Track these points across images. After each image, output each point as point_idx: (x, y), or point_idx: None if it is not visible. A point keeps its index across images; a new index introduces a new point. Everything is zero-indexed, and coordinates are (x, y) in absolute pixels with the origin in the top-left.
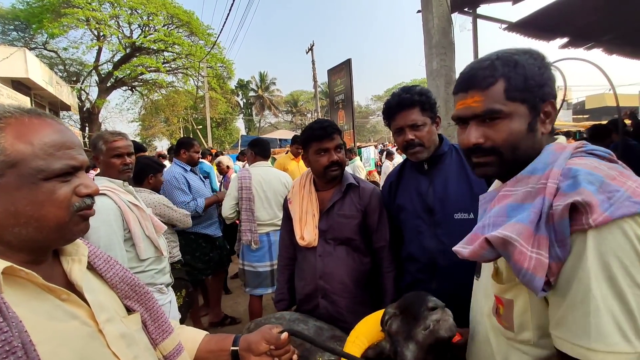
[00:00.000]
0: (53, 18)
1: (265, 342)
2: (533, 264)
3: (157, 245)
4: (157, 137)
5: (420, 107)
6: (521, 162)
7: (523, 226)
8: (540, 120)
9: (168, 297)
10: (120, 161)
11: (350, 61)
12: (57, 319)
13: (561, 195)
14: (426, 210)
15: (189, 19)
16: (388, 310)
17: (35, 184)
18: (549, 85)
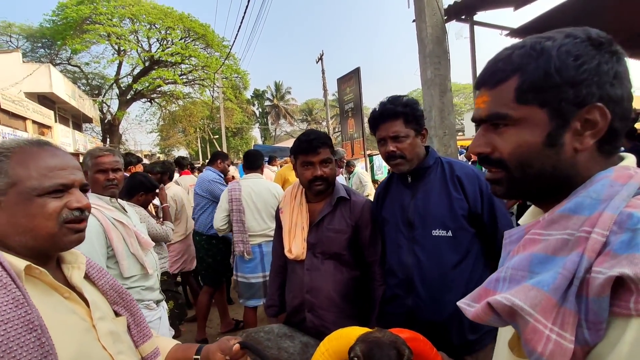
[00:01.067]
0: (76, 34)
1: (221, 352)
2: (550, 349)
3: (143, 262)
4: (175, 147)
5: (404, 118)
6: (544, 185)
7: (542, 294)
8: (572, 131)
9: (157, 313)
10: (104, 177)
11: (359, 70)
12: (61, 313)
13: (607, 257)
14: (406, 224)
15: (204, 31)
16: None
17: (30, 200)
18: (593, 83)
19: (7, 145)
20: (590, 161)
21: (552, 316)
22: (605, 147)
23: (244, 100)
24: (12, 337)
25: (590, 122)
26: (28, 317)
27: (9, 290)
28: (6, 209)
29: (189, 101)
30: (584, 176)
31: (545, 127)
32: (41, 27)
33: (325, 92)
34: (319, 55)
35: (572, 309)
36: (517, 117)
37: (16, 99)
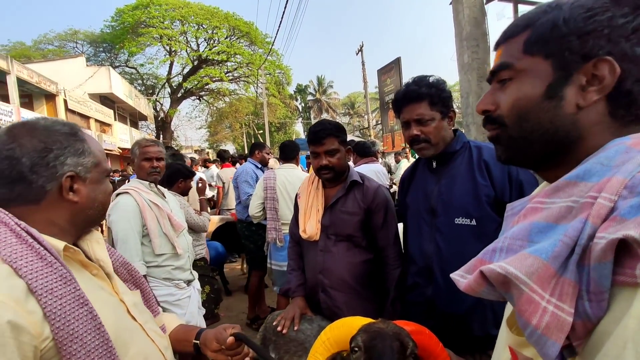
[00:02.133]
0: (132, 38)
1: (216, 341)
2: (546, 321)
3: (174, 242)
4: (223, 142)
5: (429, 100)
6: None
7: (539, 262)
8: (576, 85)
9: (187, 292)
10: (149, 164)
11: (399, 60)
12: (93, 289)
13: (613, 222)
14: (429, 212)
15: (248, 29)
16: (357, 338)
17: (104, 179)
18: (603, 35)
19: (77, 127)
20: (598, 124)
21: (550, 286)
22: (619, 111)
23: (287, 96)
24: (68, 311)
25: (598, 77)
26: (77, 292)
27: (55, 268)
28: (89, 185)
29: (234, 98)
30: (591, 141)
31: (547, 78)
32: (102, 33)
33: (365, 84)
34: (358, 46)
35: (573, 278)
36: (521, 67)
37: (81, 100)
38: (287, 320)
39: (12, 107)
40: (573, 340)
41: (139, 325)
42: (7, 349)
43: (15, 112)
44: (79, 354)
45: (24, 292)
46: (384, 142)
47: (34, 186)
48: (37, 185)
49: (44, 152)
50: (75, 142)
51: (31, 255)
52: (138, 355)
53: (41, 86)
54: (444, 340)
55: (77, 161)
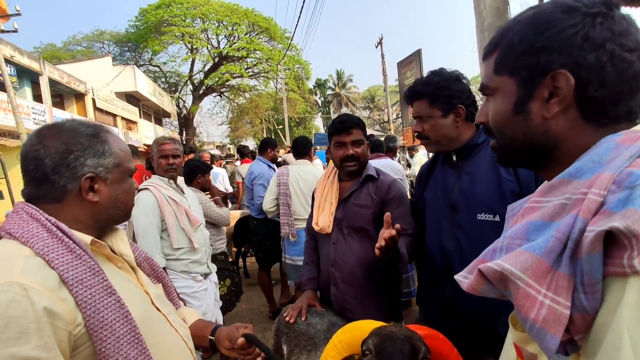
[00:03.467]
0: (155, 36)
1: (228, 340)
2: (544, 315)
3: (191, 237)
4: (243, 138)
5: (429, 98)
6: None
7: (534, 257)
8: (539, 98)
9: (204, 285)
10: (166, 161)
11: (420, 52)
12: (120, 280)
13: (603, 216)
14: (449, 207)
15: (267, 24)
16: (368, 341)
17: (126, 179)
18: (554, 49)
19: (99, 128)
20: (573, 129)
21: (546, 281)
22: (592, 116)
23: (306, 90)
24: (97, 300)
25: (558, 89)
26: (105, 282)
27: (83, 260)
28: (110, 186)
29: (254, 93)
30: (571, 143)
31: (513, 95)
32: (127, 33)
33: (385, 77)
34: (378, 39)
35: (567, 272)
36: (493, 86)
37: (108, 98)
38: (295, 311)
39: (45, 107)
40: (574, 334)
41: (162, 316)
42: (44, 333)
43: (48, 111)
44: (109, 339)
45: (56, 282)
46: (404, 135)
47: (56, 186)
48: (59, 185)
49: (65, 154)
50: (96, 143)
51: (61, 249)
52: (163, 343)
53: (71, 86)
54: (466, 340)
55: (97, 162)
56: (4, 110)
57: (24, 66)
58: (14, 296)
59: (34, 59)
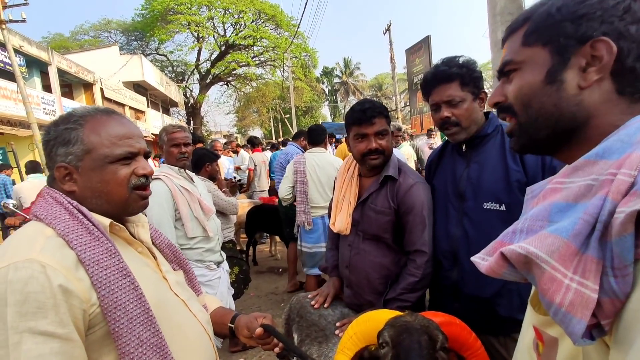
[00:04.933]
0: (161, 25)
1: (247, 329)
2: (570, 299)
3: (205, 226)
4: (250, 127)
5: (460, 81)
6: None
7: (560, 240)
8: (575, 68)
9: (217, 273)
10: (177, 150)
11: (429, 38)
12: (138, 264)
13: (633, 196)
14: (457, 195)
15: (274, 12)
16: (384, 333)
17: (103, 166)
18: (595, 17)
19: (79, 114)
20: (606, 103)
21: (573, 264)
22: (626, 89)
23: (313, 79)
24: (112, 281)
25: (597, 58)
26: (121, 264)
27: (101, 242)
28: (83, 174)
29: (261, 82)
30: (602, 119)
31: (546, 64)
32: (133, 22)
33: (393, 64)
34: (386, 26)
35: (595, 255)
36: (520, 59)
37: (116, 88)
38: (322, 297)
39: (54, 97)
40: (601, 318)
41: (181, 301)
42: (60, 309)
43: (57, 101)
44: (122, 320)
45: (74, 262)
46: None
47: (51, 174)
48: (51, 174)
49: (47, 144)
50: (63, 131)
51: (81, 230)
52: (179, 327)
53: (79, 76)
54: (469, 323)
55: (65, 151)
56: (14, 100)
57: (33, 56)
58: (32, 273)
59: (42, 48)
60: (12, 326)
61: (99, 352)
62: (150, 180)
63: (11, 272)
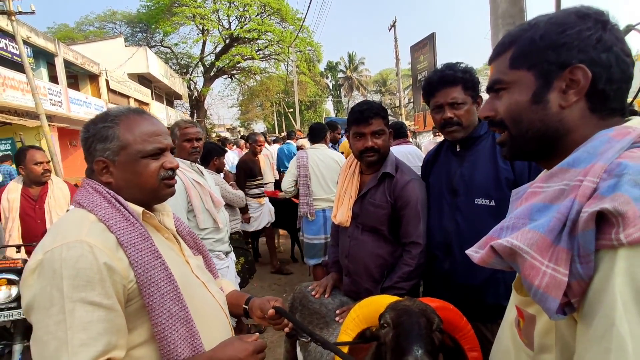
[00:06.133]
0: (166, 17)
1: (260, 310)
2: (546, 282)
3: (215, 217)
4: (254, 121)
5: (463, 85)
6: (539, 141)
7: (538, 235)
8: (557, 90)
9: (225, 262)
10: (190, 145)
11: (434, 36)
12: (165, 248)
13: (595, 199)
14: (450, 191)
15: (279, 5)
16: (386, 315)
17: (136, 161)
18: (574, 47)
19: (115, 113)
20: (582, 119)
21: (548, 254)
22: (597, 107)
23: (317, 73)
24: (146, 262)
25: (575, 82)
26: (153, 247)
27: (136, 227)
28: (119, 167)
29: (265, 76)
30: (578, 133)
31: (532, 86)
32: (138, 13)
33: (397, 61)
34: (391, 22)
35: (565, 246)
36: (509, 80)
37: (121, 80)
38: (321, 288)
39: (61, 88)
40: (571, 297)
41: (201, 283)
42: (105, 284)
43: (64, 92)
44: (155, 295)
45: (114, 244)
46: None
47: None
48: (90, 167)
49: (86, 141)
50: (101, 129)
51: (118, 216)
52: (200, 305)
53: (85, 67)
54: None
55: (103, 147)
56: (22, 91)
57: (40, 47)
58: (82, 252)
59: (49, 39)
60: (68, 295)
61: (135, 323)
62: (176, 172)
63: (64, 250)
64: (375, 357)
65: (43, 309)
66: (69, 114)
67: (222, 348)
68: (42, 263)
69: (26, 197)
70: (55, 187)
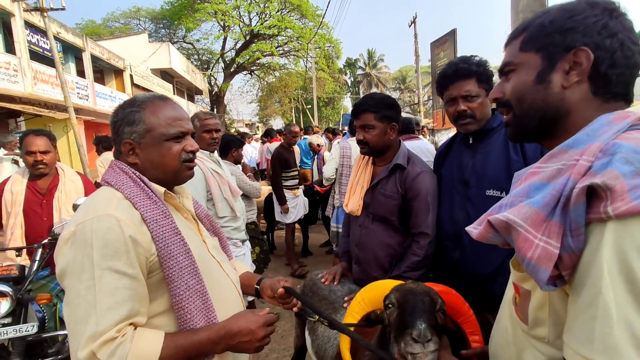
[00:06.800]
0: (189, 14)
1: (270, 290)
2: (538, 253)
3: (233, 206)
4: (272, 117)
5: (477, 78)
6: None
7: (533, 210)
8: (560, 71)
9: (242, 250)
10: (209, 136)
11: (455, 32)
12: (184, 227)
13: (588, 176)
14: (462, 183)
15: (299, 2)
16: (390, 296)
17: (161, 143)
18: (579, 31)
19: (141, 99)
20: (583, 101)
21: (542, 228)
22: (599, 90)
23: (336, 70)
24: (167, 237)
25: (578, 64)
26: (173, 224)
27: (158, 205)
28: (144, 149)
29: (284, 72)
30: (578, 114)
31: (537, 67)
32: (162, 9)
33: (417, 57)
34: (411, 18)
35: (559, 221)
36: (518, 62)
37: (144, 75)
38: (330, 276)
39: (88, 82)
40: (562, 270)
41: (216, 262)
42: (130, 255)
43: (90, 86)
44: (174, 268)
45: (139, 220)
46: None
47: (117, 149)
48: (117, 149)
49: (114, 125)
50: (129, 113)
51: (142, 195)
52: (216, 281)
53: (111, 62)
54: (467, 299)
55: (130, 130)
56: (52, 84)
57: (69, 42)
58: (110, 225)
59: (77, 35)
60: (97, 263)
61: (155, 294)
62: (195, 155)
63: (95, 223)
64: (380, 339)
65: (75, 275)
66: (95, 107)
67: (235, 319)
68: (75, 233)
69: (33, 191)
70: (67, 179)
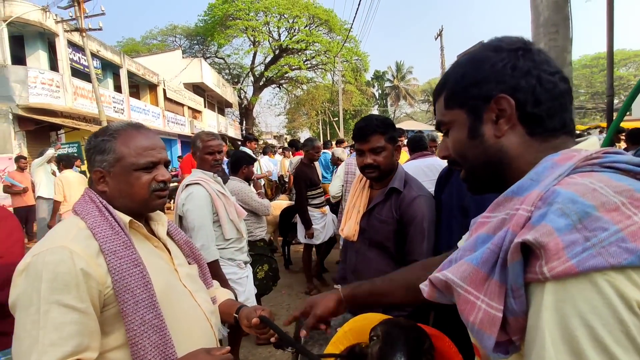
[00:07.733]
0: (221, 30)
1: (246, 319)
2: (480, 317)
3: (239, 227)
4: (299, 129)
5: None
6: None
7: (471, 267)
8: (488, 121)
9: (245, 272)
10: (212, 157)
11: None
12: (152, 256)
13: (526, 229)
14: (461, 210)
15: (327, 17)
16: (377, 328)
17: (130, 173)
18: (491, 80)
19: (114, 128)
20: (522, 145)
21: (484, 288)
22: (535, 130)
23: (364, 82)
24: (125, 269)
25: (503, 111)
26: (134, 256)
27: (119, 236)
28: (113, 178)
29: (312, 85)
30: (522, 159)
31: (466, 123)
32: (196, 27)
33: (443, 70)
34: (438, 31)
35: (499, 280)
36: (448, 120)
37: (177, 89)
38: None
39: (123, 97)
40: (511, 335)
41: (188, 292)
42: (80, 288)
43: (126, 100)
44: (129, 302)
45: (96, 251)
46: None
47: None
48: (91, 177)
49: (89, 152)
50: (101, 142)
51: (105, 225)
52: (182, 312)
53: (146, 77)
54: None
55: (101, 158)
56: (90, 99)
57: (107, 59)
58: (62, 257)
59: (115, 53)
60: (44, 297)
61: (112, 327)
62: (168, 185)
63: (48, 255)
64: None
65: (23, 308)
66: None
67: (188, 359)
68: (29, 265)
69: None
70: None
